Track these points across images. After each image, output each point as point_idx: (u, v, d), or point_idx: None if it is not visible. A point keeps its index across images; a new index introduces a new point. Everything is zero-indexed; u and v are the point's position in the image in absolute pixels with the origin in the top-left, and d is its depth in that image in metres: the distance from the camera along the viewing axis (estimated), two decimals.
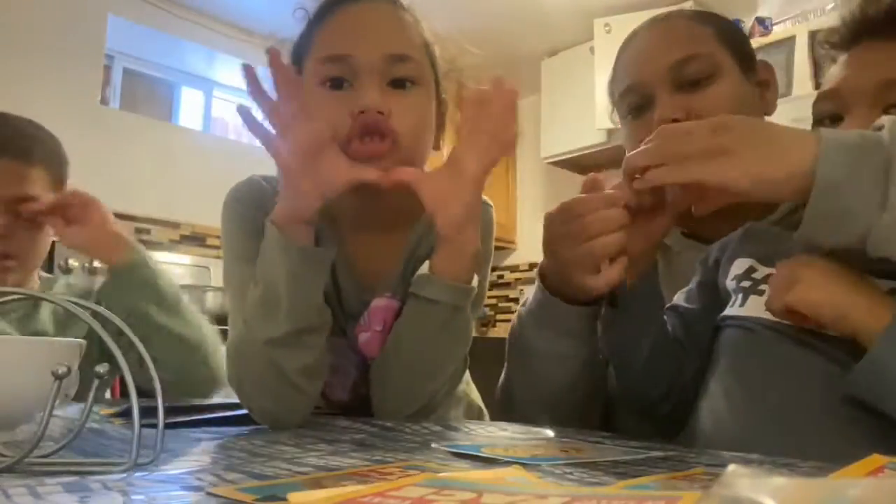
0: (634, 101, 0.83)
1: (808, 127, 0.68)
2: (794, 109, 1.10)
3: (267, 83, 0.64)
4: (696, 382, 0.66)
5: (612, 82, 0.89)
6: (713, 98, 0.78)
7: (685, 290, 0.75)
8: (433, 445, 0.52)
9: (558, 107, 3.34)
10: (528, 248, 3.81)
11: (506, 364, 0.79)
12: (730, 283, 0.67)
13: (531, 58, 3.36)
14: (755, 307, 0.61)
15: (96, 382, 0.46)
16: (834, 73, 0.69)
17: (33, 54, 2.62)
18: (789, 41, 2.32)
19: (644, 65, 0.82)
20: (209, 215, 3.03)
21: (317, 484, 0.34)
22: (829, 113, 0.68)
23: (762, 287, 0.62)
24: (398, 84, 0.74)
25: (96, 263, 2.58)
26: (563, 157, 3.36)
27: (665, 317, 0.71)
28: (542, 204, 3.76)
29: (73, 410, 0.72)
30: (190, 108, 3.34)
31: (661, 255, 0.89)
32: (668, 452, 0.49)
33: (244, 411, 0.68)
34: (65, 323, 1.07)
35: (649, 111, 0.81)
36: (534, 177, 3.83)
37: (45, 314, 1.07)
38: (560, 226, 0.64)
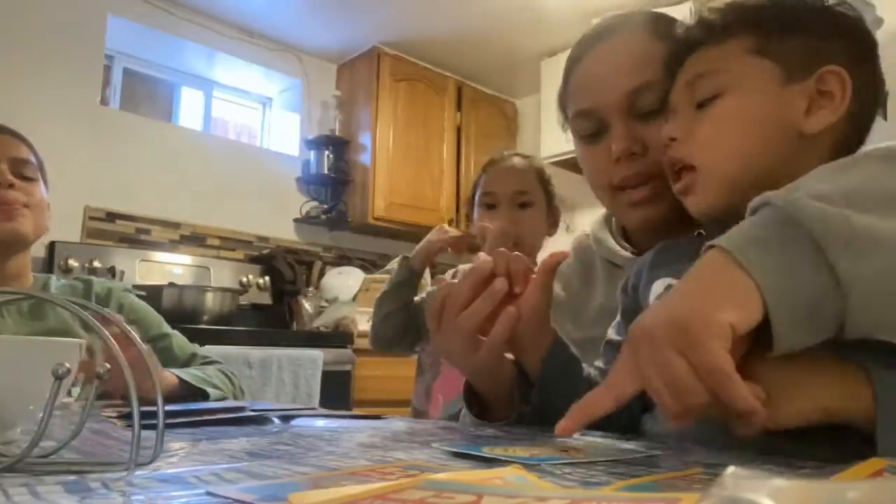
0: (588, 127, 0.80)
1: None
2: None
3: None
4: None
5: (565, 97, 0.85)
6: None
7: (615, 322, 0.75)
8: (433, 445, 0.52)
9: None
10: None
11: None
12: (652, 304, 0.68)
13: (531, 58, 3.36)
14: None
15: (96, 382, 0.46)
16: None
17: (33, 54, 2.62)
18: None
19: (600, 91, 0.78)
20: (209, 215, 3.04)
21: (317, 484, 0.34)
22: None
23: None
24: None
25: (96, 264, 2.58)
26: (563, 157, 3.35)
27: (603, 350, 0.73)
28: None
29: (73, 411, 0.72)
30: (190, 108, 3.34)
31: (608, 275, 0.91)
32: (667, 452, 0.49)
33: (244, 411, 0.68)
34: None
35: (605, 137, 0.79)
36: None
37: (50, 306, 1.11)
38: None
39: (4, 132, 1.18)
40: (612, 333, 0.74)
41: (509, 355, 0.68)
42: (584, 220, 1.02)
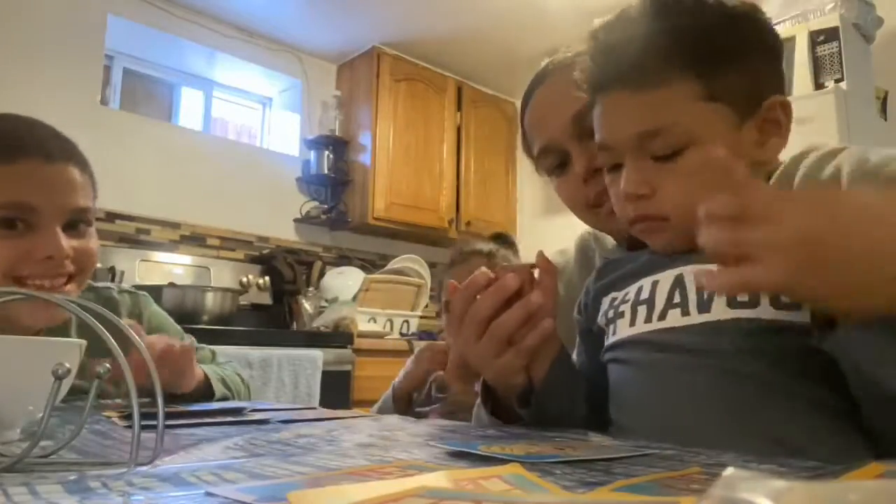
0: (552, 161, 0.85)
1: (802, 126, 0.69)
2: (794, 110, 1.10)
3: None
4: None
5: (527, 141, 0.91)
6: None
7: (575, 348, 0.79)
8: (431, 444, 0.52)
9: None
10: (528, 247, 3.80)
11: None
12: (601, 321, 0.72)
13: (531, 58, 3.35)
14: (623, 329, 0.67)
15: (96, 382, 0.46)
16: (597, 120, 0.68)
17: (33, 54, 2.62)
18: (789, 41, 2.32)
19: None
20: (209, 215, 3.04)
21: (316, 483, 0.34)
22: (610, 163, 0.68)
23: (622, 309, 0.68)
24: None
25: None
26: None
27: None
28: (542, 204, 3.76)
29: (74, 411, 0.72)
30: (190, 108, 3.34)
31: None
32: (665, 451, 0.49)
33: (244, 412, 0.68)
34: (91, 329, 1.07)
35: (567, 166, 0.84)
36: (534, 177, 3.81)
37: (74, 318, 1.07)
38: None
39: (58, 158, 0.85)
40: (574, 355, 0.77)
41: None
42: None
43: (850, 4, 2.32)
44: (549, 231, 3.28)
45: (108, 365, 0.48)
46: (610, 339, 0.70)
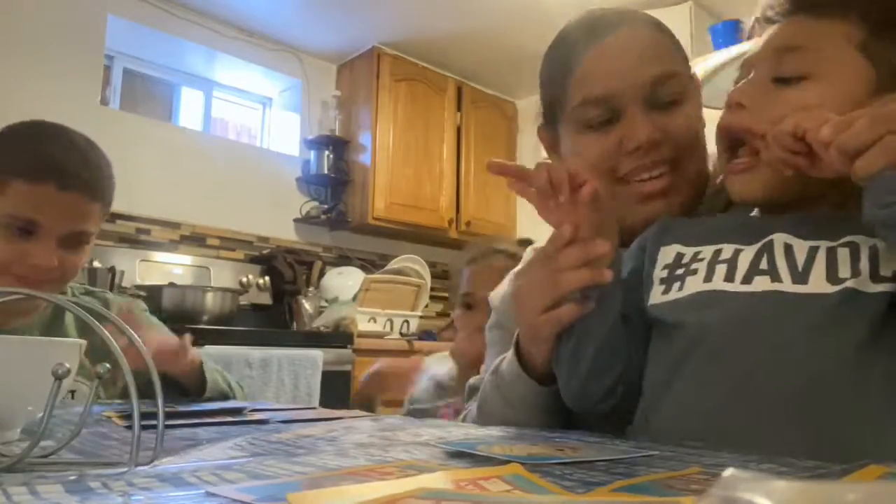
0: (599, 115, 0.76)
1: None
2: None
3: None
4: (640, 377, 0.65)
5: (564, 87, 0.80)
6: (684, 120, 0.75)
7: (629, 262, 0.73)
8: (431, 444, 0.52)
9: None
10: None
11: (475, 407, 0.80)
12: (659, 274, 0.66)
13: (531, 58, 3.35)
14: (694, 285, 0.62)
15: (96, 382, 0.46)
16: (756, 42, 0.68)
17: (33, 54, 2.62)
18: None
19: (620, 78, 0.75)
20: (209, 215, 3.04)
21: (315, 484, 0.34)
22: (740, 78, 0.67)
23: (694, 266, 0.63)
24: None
25: (96, 264, 2.58)
26: None
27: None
28: None
29: (74, 410, 0.72)
30: (190, 108, 3.34)
31: None
32: (665, 452, 0.49)
33: (244, 412, 0.68)
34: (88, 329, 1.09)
35: (615, 126, 0.75)
36: None
37: (70, 319, 1.10)
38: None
39: (72, 187, 0.97)
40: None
41: None
42: None
43: None
44: (549, 231, 3.27)
45: (108, 365, 0.48)
46: (672, 296, 0.63)
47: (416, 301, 3.22)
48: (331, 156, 3.33)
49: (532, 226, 3.79)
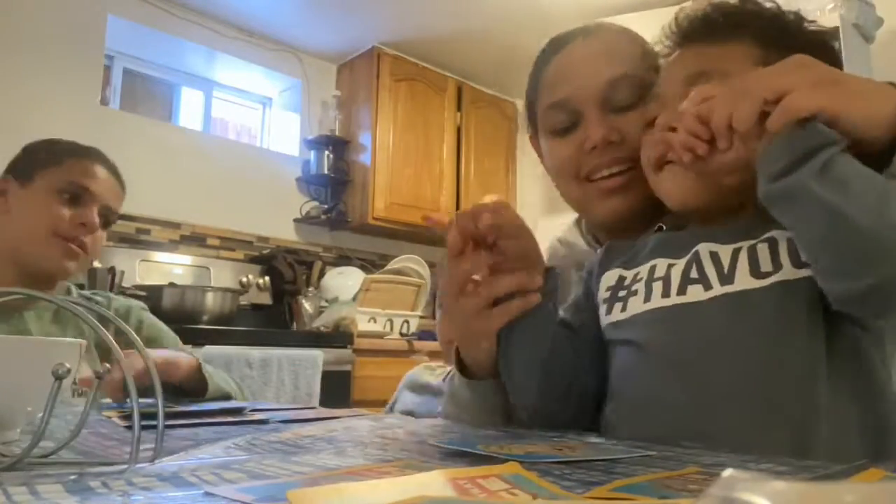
0: (562, 120, 0.81)
1: None
2: None
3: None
4: (597, 395, 0.68)
5: (535, 93, 0.85)
6: (642, 120, 0.76)
7: (568, 304, 0.76)
8: (430, 443, 0.52)
9: None
10: None
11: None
12: (602, 295, 0.71)
13: (532, 58, 3.36)
14: (635, 305, 0.66)
15: (97, 382, 0.46)
16: (663, 72, 0.72)
17: (33, 54, 2.62)
18: None
19: (577, 81, 0.79)
20: (209, 215, 3.04)
21: (315, 483, 0.34)
22: (655, 115, 0.70)
23: (635, 287, 0.67)
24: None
25: (96, 264, 2.58)
26: None
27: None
28: (542, 204, 3.76)
29: (74, 410, 0.72)
30: (190, 108, 3.34)
31: (580, 280, 0.92)
32: (664, 451, 0.49)
33: (244, 412, 0.68)
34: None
35: (577, 130, 0.79)
36: (534, 177, 3.83)
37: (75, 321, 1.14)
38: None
39: (109, 170, 1.20)
40: (566, 314, 0.75)
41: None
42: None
43: (850, 4, 2.32)
44: (549, 231, 3.26)
45: (108, 365, 0.48)
46: (616, 317, 0.68)
47: (416, 301, 3.22)
48: (331, 156, 3.33)
49: (532, 226, 3.79)
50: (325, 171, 3.31)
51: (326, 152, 3.33)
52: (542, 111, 0.83)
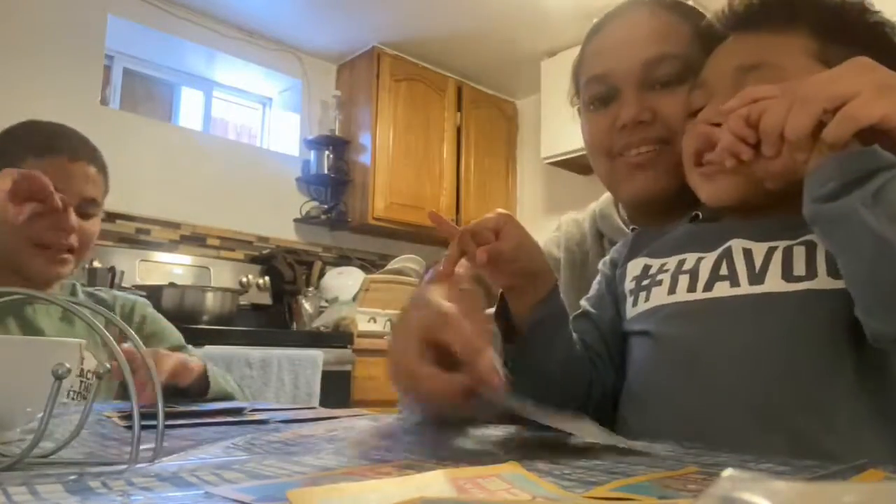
0: (600, 91, 0.80)
1: None
2: None
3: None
4: (617, 390, 0.67)
5: (580, 67, 0.85)
6: (678, 100, 0.76)
7: (591, 294, 0.74)
8: (429, 443, 0.52)
9: (558, 107, 3.34)
10: None
11: None
12: (629, 286, 0.68)
13: (531, 58, 3.36)
14: (659, 297, 0.63)
15: (97, 382, 0.46)
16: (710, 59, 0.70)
17: (33, 54, 2.62)
18: None
19: (617, 56, 0.79)
20: (209, 215, 3.04)
21: (315, 483, 0.34)
22: (699, 105, 0.68)
23: (660, 278, 0.65)
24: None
25: (96, 264, 2.58)
26: (563, 158, 3.36)
27: (575, 324, 0.69)
28: (542, 204, 3.76)
29: (74, 410, 0.72)
30: (190, 108, 3.34)
31: (579, 255, 0.92)
32: (664, 451, 0.49)
33: (244, 412, 0.68)
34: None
35: (613, 105, 0.79)
36: (534, 177, 3.84)
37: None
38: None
39: (81, 157, 1.10)
40: (587, 304, 0.74)
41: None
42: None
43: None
44: (549, 231, 3.27)
45: (108, 365, 0.48)
46: (640, 307, 0.65)
47: None
48: (331, 156, 3.34)
49: (532, 226, 3.80)
50: (325, 171, 3.31)
51: (326, 152, 3.33)
52: (583, 83, 0.84)
